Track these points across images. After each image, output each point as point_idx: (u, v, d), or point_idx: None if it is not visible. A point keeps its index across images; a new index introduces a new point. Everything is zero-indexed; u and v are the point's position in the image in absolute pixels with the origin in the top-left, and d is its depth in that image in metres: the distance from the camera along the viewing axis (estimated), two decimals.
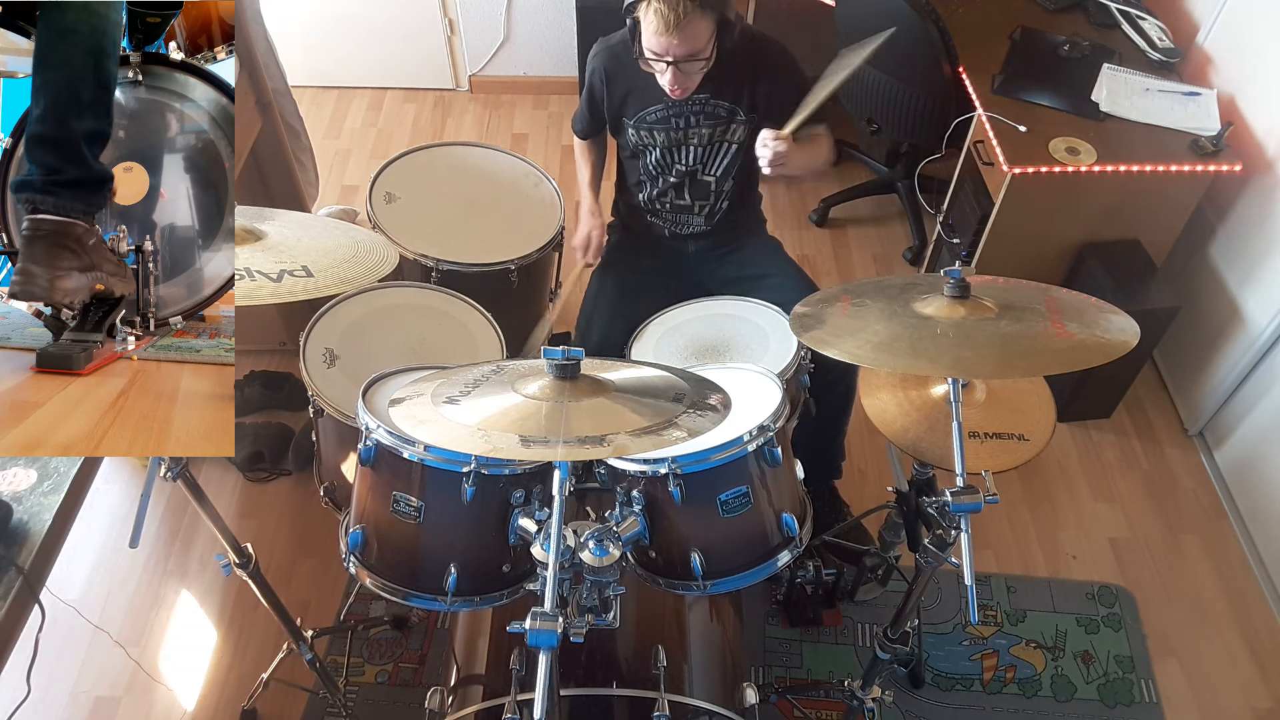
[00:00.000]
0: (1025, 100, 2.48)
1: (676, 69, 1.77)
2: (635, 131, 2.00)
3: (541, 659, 0.99)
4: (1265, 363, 2.40)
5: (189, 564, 2.37)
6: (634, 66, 1.91)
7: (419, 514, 1.34)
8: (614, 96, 1.99)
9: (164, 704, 2.12)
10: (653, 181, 2.07)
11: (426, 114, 3.81)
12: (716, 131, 1.96)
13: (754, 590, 2.24)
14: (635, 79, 1.94)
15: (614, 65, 1.97)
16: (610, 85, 1.98)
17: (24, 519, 1.36)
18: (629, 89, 1.96)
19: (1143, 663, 2.22)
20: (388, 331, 1.84)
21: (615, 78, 1.97)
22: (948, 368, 1.26)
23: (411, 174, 2.22)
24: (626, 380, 1.20)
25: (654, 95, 1.93)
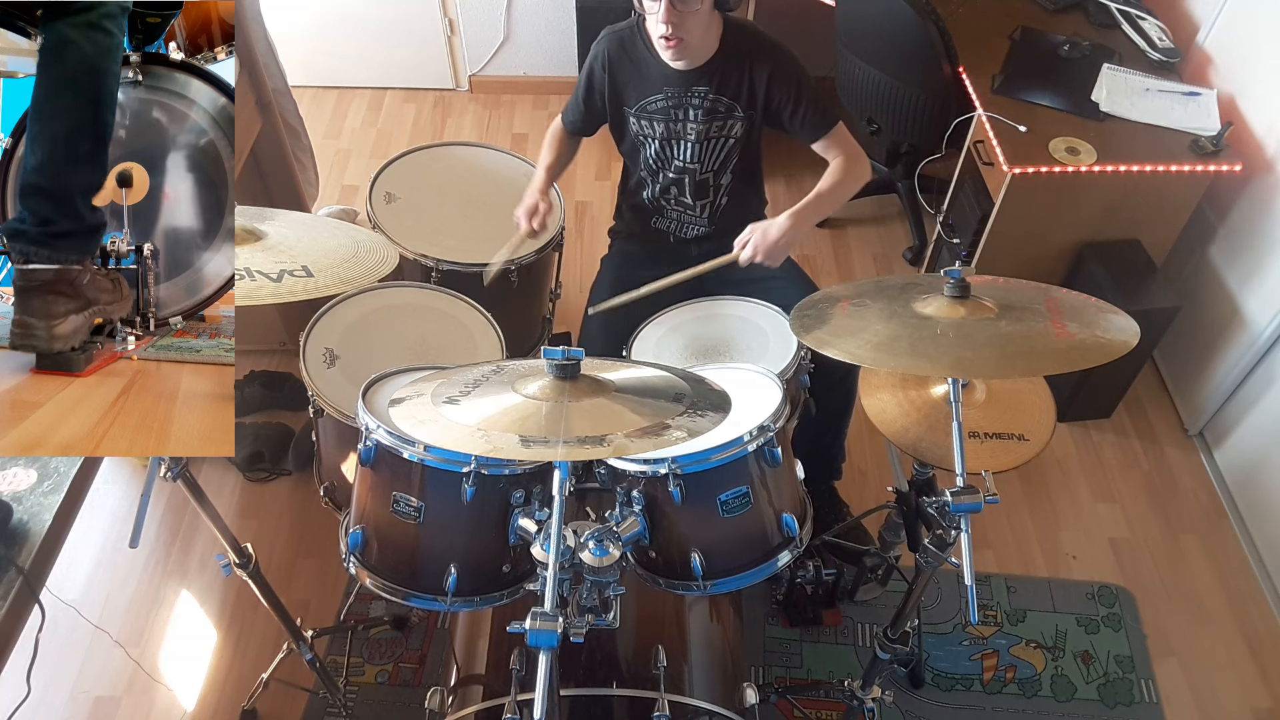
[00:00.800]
0: (1025, 100, 2.48)
1: (670, 5, 1.73)
2: (636, 121, 2.00)
3: (541, 659, 0.99)
4: (1265, 363, 2.40)
5: (189, 564, 2.37)
6: (638, 54, 1.92)
7: (419, 514, 1.34)
8: (615, 83, 1.99)
9: (164, 704, 2.12)
10: (653, 177, 2.07)
11: (426, 114, 3.81)
12: (714, 126, 1.96)
13: (754, 590, 2.24)
14: (638, 67, 1.94)
15: (618, 51, 1.97)
16: (612, 71, 1.98)
17: (24, 519, 1.36)
18: (632, 76, 1.97)
19: (1143, 663, 2.22)
20: (388, 331, 1.84)
21: (618, 64, 1.97)
22: (948, 368, 1.26)
23: (411, 174, 2.21)
24: (626, 380, 1.20)
25: (655, 85, 1.94)
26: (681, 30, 1.78)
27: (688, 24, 1.78)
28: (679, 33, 1.78)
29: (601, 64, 1.99)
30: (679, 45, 1.81)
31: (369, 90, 3.89)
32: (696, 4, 1.75)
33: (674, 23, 1.76)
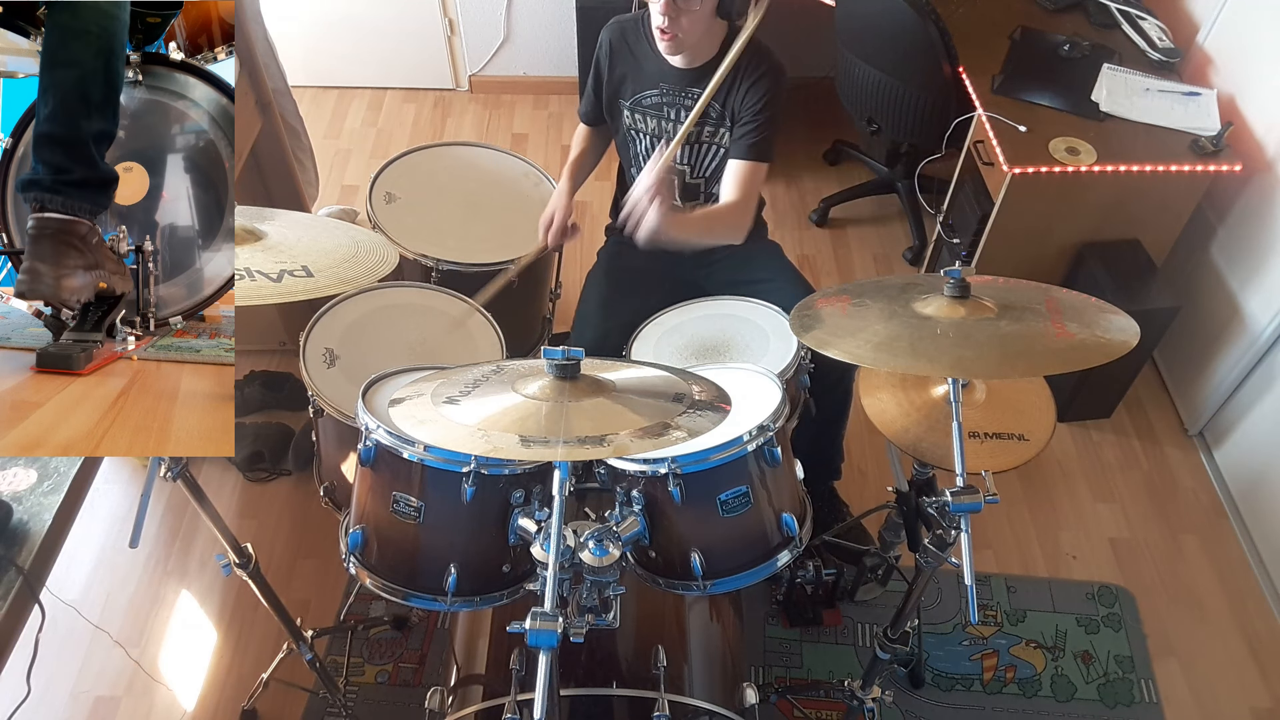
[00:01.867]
0: (1025, 100, 2.48)
1: None
2: (629, 114, 2.00)
3: (541, 659, 0.99)
4: (1265, 363, 2.40)
5: (189, 564, 2.37)
6: (639, 47, 1.93)
7: (419, 514, 1.34)
8: (614, 73, 2.00)
9: (164, 704, 2.12)
10: None
11: (426, 114, 3.81)
12: (705, 131, 1.96)
13: (754, 590, 2.24)
14: (638, 59, 1.95)
15: (620, 42, 1.98)
16: (613, 60, 1.99)
17: (24, 519, 1.36)
18: (630, 68, 1.97)
19: (1143, 663, 2.22)
20: (388, 331, 1.84)
21: (619, 54, 1.98)
22: (948, 368, 1.26)
23: (411, 174, 2.21)
24: (626, 380, 1.20)
25: (651, 80, 1.94)
26: (677, 26, 1.79)
27: (686, 20, 1.79)
28: (675, 28, 1.79)
29: (605, 52, 2.01)
30: (674, 40, 1.82)
31: (369, 90, 3.89)
32: (696, 3, 1.76)
33: (671, 16, 1.77)
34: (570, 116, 3.77)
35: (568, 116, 3.78)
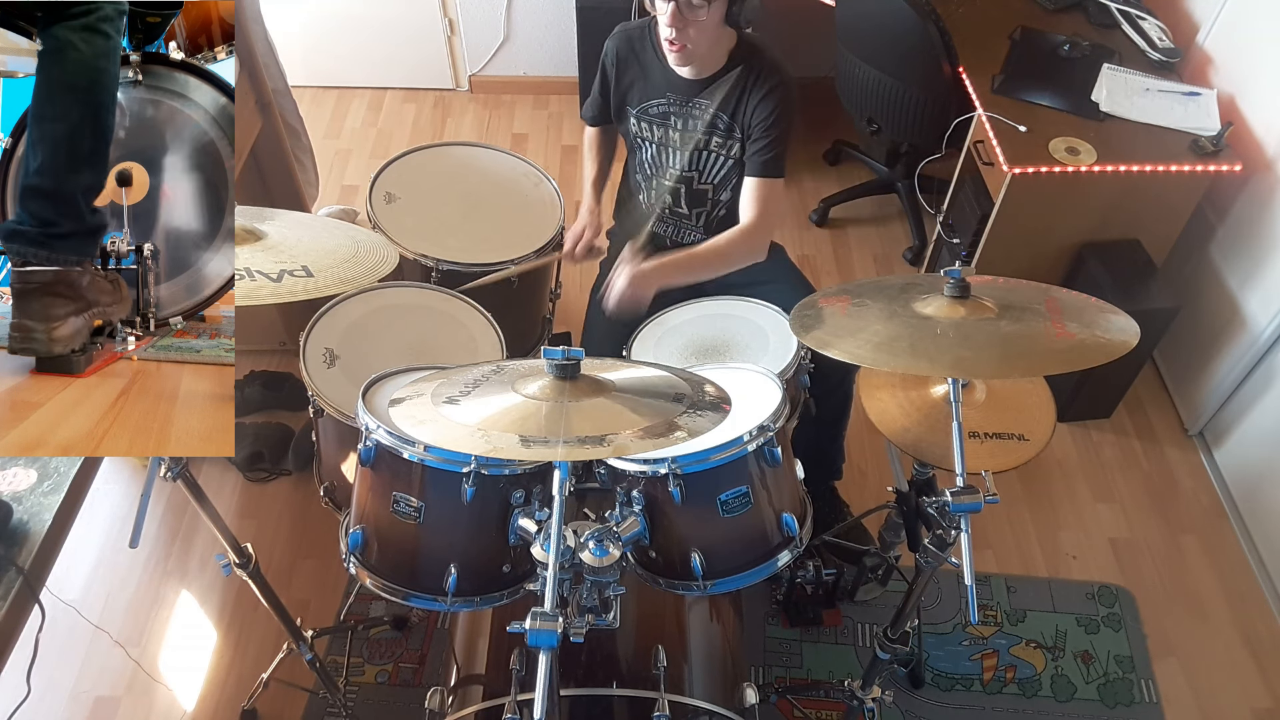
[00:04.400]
0: (1025, 100, 2.48)
1: (677, 9, 1.73)
2: (636, 121, 2.00)
3: (541, 659, 0.99)
4: (1265, 363, 2.40)
5: (189, 564, 2.37)
6: (645, 55, 1.92)
7: (419, 514, 1.34)
8: (621, 82, 2.00)
9: (164, 704, 2.12)
10: (648, 181, 2.07)
11: (426, 114, 3.81)
12: (713, 141, 1.96)
13: (754, 590, 2.24)
14: (644, 68, 1.94)
15: (627, 50, 1.97)
16: (620, 69, 1.99)
17: (24, 519, 1.36)
18: (636, 77, 1.97)
19: (1143, 663, 2.22)
20: (388, 331, 1.84)
21: (626, 63, 1.98)
22: (948, 368, 1.26)
23: (411, 174, 2.21)
24: (627, 380, 1.20)
25: (658, 89, 1.94)
26: (686, 37, 1.78)
27: (694, 32, 1.78)
28: (683, 39, 1.78)
29: (611, 61, 2.00)
30: (683, 51, 1.81)
31: (369, 90, 3.89)
32: (704, 13, 1.75)
33: (679, 28, 1.76)
34: (570, 116, 3.77)
35: (568, 116, 3.78)
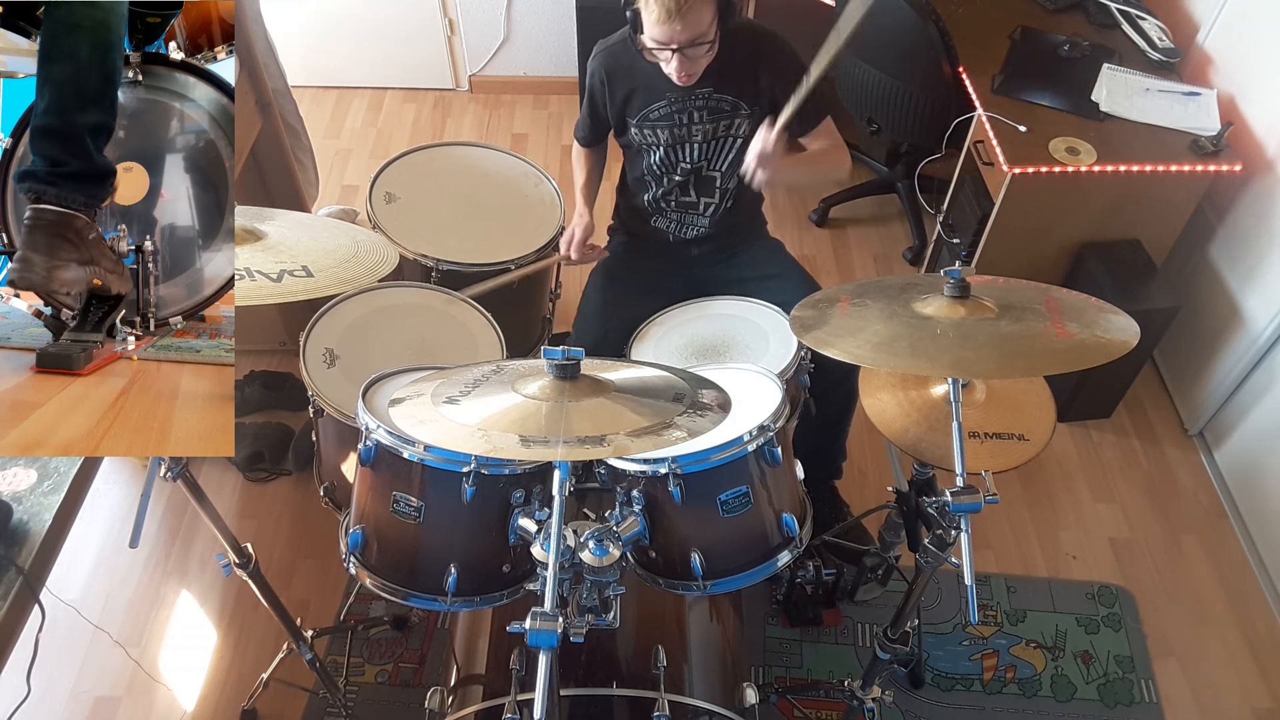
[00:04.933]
0: (1025, 100, 2.48)
1: (682, 55, 1.75)
2: (639, 130, 1.99)
3: (541, 659, 0.99)
4: (1265, 363, 2.40)
5: (189, 564, 2.37)
6: (635, 65, 1.91)
7: (419, 514, 1.34)
8: (615, 97, 1.99)
9: (164, 704, 2.12)
10: (657, 181, 2.07)
11: (426, 114, 3.81)
12: (720, 126, 1.95)
13: (754, 590, 2.24)
14: (637, 77, 1.93)
15: (614, 65, 1.96)
16: (611, 85, 1.98)
17: (24, 519, 1.36)
18: (631, 88, 1.96)
19: (1143, 663, 2.22)
20: (388, 331, 1.84)
21: (616, 78, 1.97)
22: (948, 368, 1.26)
23: (411, 174, 2.21)
24: (626, 380, 1.20)
25: (657, 92, 1.93)
26: (694, 69, 1.82)
27: (700, 62, 1.81)
28: (691, 70, 1.82)
29: (600, 80, 1.99)
30: (690, 76, 1.84)
31: (369, 90, 3.89)
32: (705, 50, 1.77)
33: (687, 68, 1.80)
34: (570, 116, 3.77)
35: (568, 116, 3.78)
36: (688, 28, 1.71)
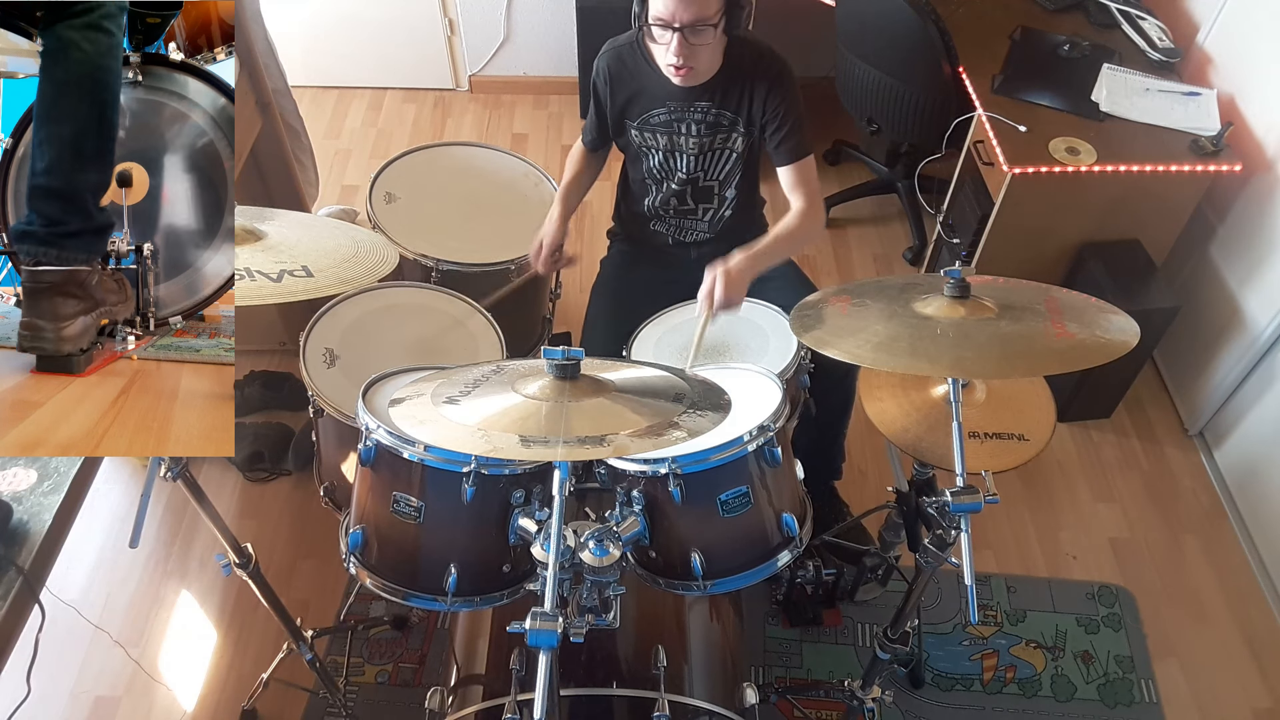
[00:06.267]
0: (1025, 100, 2.48)
1: (682, 38, 1.72)
2: (639, 134, 1.99)
3: (541, 659, 0.99)
4: (1265, 363, 2.40)
5: (189, 564, 2.37)
6: (640, 68, 1.91)
7: (419, 514, 1.34)
8: (617, 98, 1.99)
9: (164, 704, 2.12)
10: (657, 186, 2.07)
11: (426, 114, 3.81)
12: (717, 139, 1.95)
13: (754, 590, 2.24)
14: (641, 81, 1.93)
15: (618, 66, 1.96)
16: (614, 86, 1.98)
17: (24, 519, 1.36)
18: (633, 91, 1.96)
19: (1143, 663, 2.22)
20: (388, 331, 1.84)
21: (619, 79, 1.96)
22: (948, 368, 1.26)
23: (411, 174, 2.22)
24: (626, 380, 1.20)
25: (658, 98, 1.92)
26: (693, 60, 1.78)
27: (699, 54, 1.78)
28: (690, 62, 1.78)
29: (604, 79, 1.98)
30: (689, 74, 1.81)
31: (369, 90, 3.89)
32: (709, 37, 1.75)
33: (685, 56, 1.76)
34: (570, 116, 3.77)
35: (568, 116, 3.78)
36: (691, 5, 1.69)
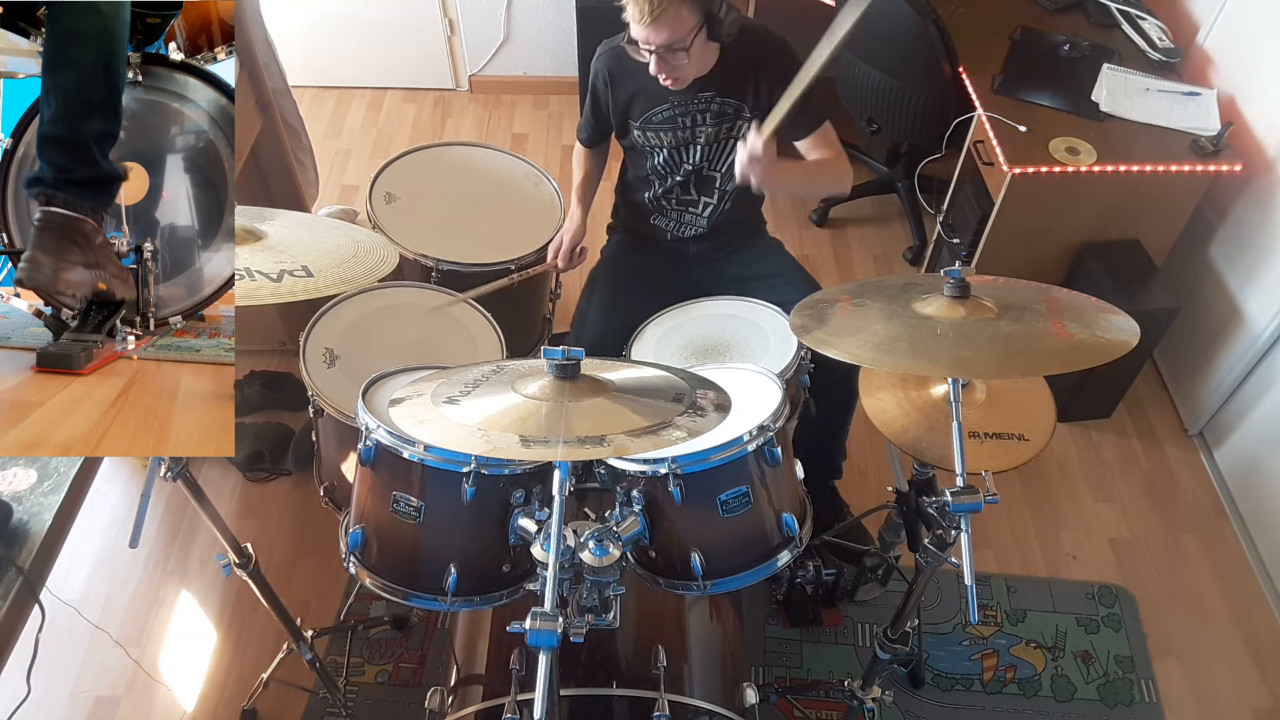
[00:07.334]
0: (1025, 100, 2.48)
1: (659, 57, 1.77)
2: (642, 133, 1.99)
3: (541, 659, 0.99)
4: (1265, 363, 2.40)
5: (189, 564, 2.37)
6: (639, 67, 1.91)
7: (419, 514, 1.34)
8: (618, 98, 1.99)
9: (164, 704, 2.12)
10: (660, 180, 2.07)
11: (426, 114, 3.81)
12: (723, 129, 1.95)
13: (754, 590, 2.24)
14: (641, 80, 1.93)
15: (618, 66, 1.96)
16: (614, 87, 1.98)
17: (24, 519, 1.36)
18: (635, 90, 1.96)
19: (1143, 663, 2.22)
20: (388, 331, 1.84)
21: (619, 79, 1.97)
22: (948, 368, 1.26)
23: (411, 174, 2.22)
24: (626, 380, 1.20)
25: (660, 95, 1.93)
26: (676, 71, 1.81)
27: (681, 67, 1.80)
28: (674, 74, 1.81)
29: (604, 81, 1.99)
30: (675, 81, 1.84)
31: (369, 90, 3.89)
32: (684, 57, 1.77)
33: (667, 70, 1.80)
34: (570, 116, 3.77)
35: (568, 116, 3.78)
36: (663, 30, 1.71)
